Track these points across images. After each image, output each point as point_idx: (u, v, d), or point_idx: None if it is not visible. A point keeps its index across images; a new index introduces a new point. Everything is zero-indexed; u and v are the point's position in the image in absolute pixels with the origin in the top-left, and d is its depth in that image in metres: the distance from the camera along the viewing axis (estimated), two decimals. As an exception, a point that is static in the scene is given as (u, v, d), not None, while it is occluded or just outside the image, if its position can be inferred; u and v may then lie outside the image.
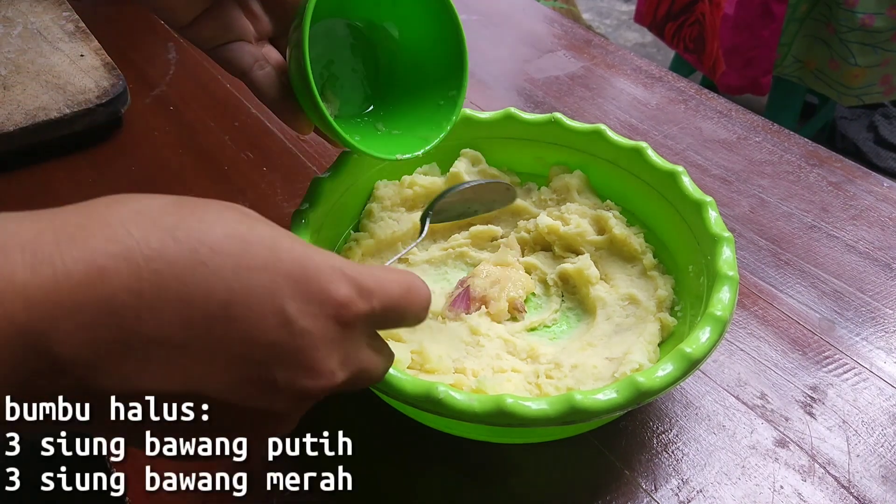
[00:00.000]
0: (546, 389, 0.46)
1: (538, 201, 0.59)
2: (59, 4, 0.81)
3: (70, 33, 0.76)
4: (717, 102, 0.78)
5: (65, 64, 0.72)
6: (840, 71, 1.53)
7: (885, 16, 1.44)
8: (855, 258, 0.60)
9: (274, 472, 0.45)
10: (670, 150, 0.71)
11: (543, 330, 0.53)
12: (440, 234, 0.58)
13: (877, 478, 0.45)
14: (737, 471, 0.46)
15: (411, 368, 0.46)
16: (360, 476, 0.45)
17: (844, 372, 0.52)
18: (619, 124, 0.75)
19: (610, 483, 0.45)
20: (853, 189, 0.67)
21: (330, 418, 0.48)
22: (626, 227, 0.55)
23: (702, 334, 0.41)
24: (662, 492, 0.44)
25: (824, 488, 0.45)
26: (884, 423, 0.48)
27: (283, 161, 0.69)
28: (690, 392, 0.50)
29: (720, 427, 0.48)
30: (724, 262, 0.46)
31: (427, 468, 0.45)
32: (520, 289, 0.54)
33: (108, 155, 0.69)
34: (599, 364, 0.47)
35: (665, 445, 0.47)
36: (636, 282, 0.53)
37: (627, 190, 0.56)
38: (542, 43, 0.89)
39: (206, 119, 0.74)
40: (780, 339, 0.54)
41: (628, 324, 0.50)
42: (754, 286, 0.58)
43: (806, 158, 0.71)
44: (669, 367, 0.40)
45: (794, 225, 0.63)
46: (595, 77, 0.83)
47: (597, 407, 0.38)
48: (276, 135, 0.72)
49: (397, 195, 0.57)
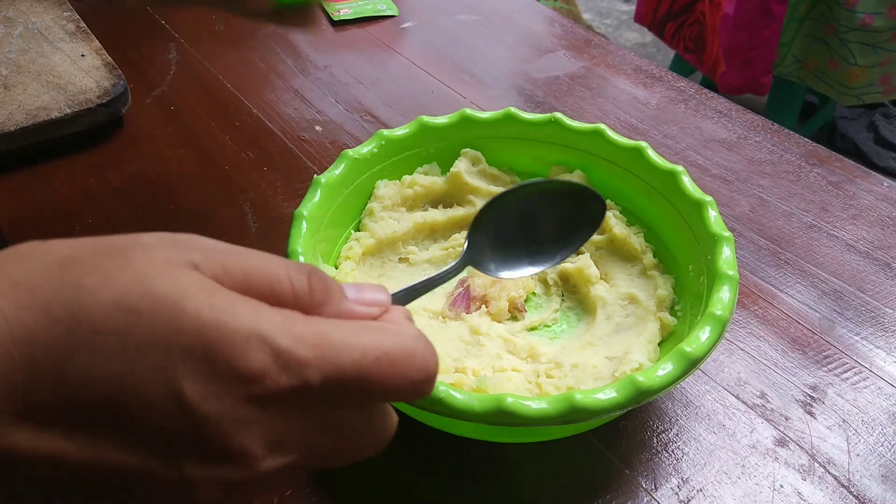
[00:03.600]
0: (546, 389, 0.46)
1: (538, 201, 0.59)
2: (60, 4, 0.81)
3: (71, 33, 0.76)
4: (717, 102, 0.78)
5: (66, 64, 0.72)
6: (840, 70, 1.53)
7: (885, 15, 1.44)
8: (855, 258, 0.60)
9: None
10: (670, 150, 0.72)
11: (543, 329, 0.53)
12: (440, 233, 0.58)
13: (877, 477, 0.45)
14: (737, 470, 0.46)
15: (412, 368, 0.46)
16: (359, 475, 0.45)
17: (844, 371, 0.52)
18: (619, 124, 0.75)
19: (610, 482, 0.45)
20: (853, 188, 0.67)
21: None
22: (626, 227, 0.55)
23: (702, 334, 0.41)
24: (662, 491, 0.44)
25: (824, 487, 0.45)
26: (884, 423, 0.48)
27: (283, 161, 0.69)
28: (690, 391, 0.50)
29: (720, 426, 0.48)
30: (724, 262, 0.46)
31: (427, 467, 0.45)
32: (520, 288, 0.54)
33: (109, 155, 0.69)
34: (599, 363, 0.47)
35: (665, 445, 0.47)
36: (636, 281, 0.53)
37: (627, 189, 0.56)
38: (542, 43, 0.89)
39: (206, 119, 0.74)
40: (780, 338, 0.54)
41: (628, 323, 0.50)
42: (754, 286, 0.58)
43: (806, 158, 0.71)
44: (669, 366, 0.40)
45: (794, 224, 0.64)
46: (595, 77, 0.83)
47: (597, 406, 0.38)
48: (276, 135, 0.72)
49: (398, 195, 0.57)
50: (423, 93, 0.79)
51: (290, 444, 0.24)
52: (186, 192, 0.65)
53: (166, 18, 0.90)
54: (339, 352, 0.24)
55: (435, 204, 0.59)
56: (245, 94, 0.78)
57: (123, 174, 0.67)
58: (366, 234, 0.55)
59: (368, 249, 0.55)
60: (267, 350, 0.23)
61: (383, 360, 0.25)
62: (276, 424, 0.23)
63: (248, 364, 0.22)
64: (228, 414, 0.22)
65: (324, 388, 0.24)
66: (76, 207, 0.63)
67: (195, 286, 0.23)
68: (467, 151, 0.59)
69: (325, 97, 0.78)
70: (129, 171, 0.67)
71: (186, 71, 0.81)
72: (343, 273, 0.52)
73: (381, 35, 0.89)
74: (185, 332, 0.22)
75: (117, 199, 0.64)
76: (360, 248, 0.54)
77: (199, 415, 0.22)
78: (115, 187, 0.65)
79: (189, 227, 0.62)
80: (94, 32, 0.77)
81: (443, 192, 0.59)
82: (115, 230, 0.38)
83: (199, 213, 0.63)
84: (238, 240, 0.61)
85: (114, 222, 0.62)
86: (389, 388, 0.25)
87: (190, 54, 0.84)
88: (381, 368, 0.25)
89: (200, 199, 0.65)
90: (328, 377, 0.24)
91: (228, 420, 0.22)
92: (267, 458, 0.23)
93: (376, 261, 0.56)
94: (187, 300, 0.22)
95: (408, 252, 0.56)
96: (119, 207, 0.63)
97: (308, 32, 0.90)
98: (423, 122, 0.57)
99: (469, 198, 0.59)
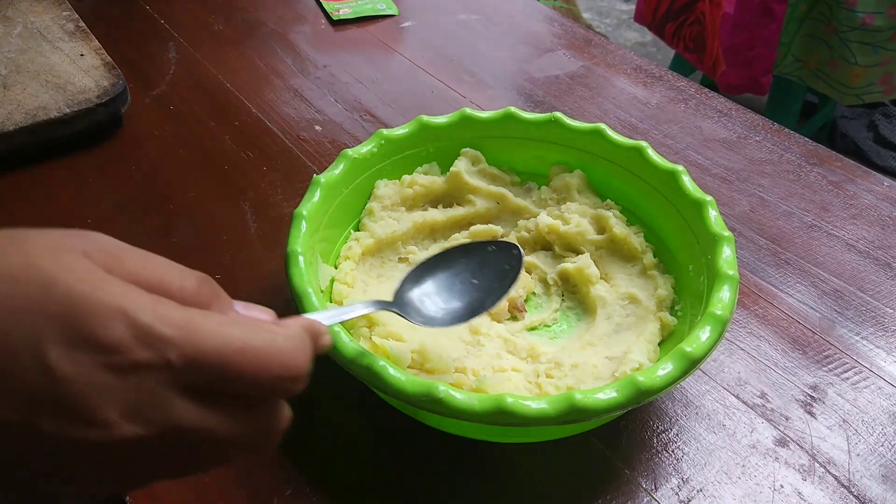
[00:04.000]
0: (546, 389, 0.46)
1: (538, 200, 0.59)
2: (59, 4, 0.81)
3: (70, 33, 0.76)
4: (717, 102, 0.78)
5: (65, 63, 0.72)
6: (840, 70, 1.53)
7: (885, 15, 1.44)
8: (855, 257, 0.60)
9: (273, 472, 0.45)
10: (670, 150, 0.71)
11: (543, 329, 0.53)
12: (440, 233, 0.58)
13: (877, 477, 0.45)
14: (737, 470, 0.46)
15: (411, 368, 0.46)
16: (359, 475, 0.45)
17: (844, 371, 0.52)
18: (619, 124, 0.75)
19: (610, 482, 0.45)
20: (853, 188, 0.67)
21: (330, 417, 0.48)
22: (626, 227, 0.55)
23: (702, 333, 0.41)
24: (662, 491, 0.44)
25: (824, 487, 0.45)
26: (884, 423, 0.48)
27: (283, 161, 0.69)
28: (690, 391, 0.50)
29: (720, 426, 0.48)
30: (725, 262, 0.46)
31: (427, 467, 0.45)
32: (520, 288, 0.54)
33: (109, 154, 0.69)
34: (599, 363, 0.47)
35: (665, 445, 0.47)
36: (636, 281, 0.53)
37: (627, 189, 0.56)
38: (542, 42, 0.89)
39: (206, 119, 0.74)
40: (781, 338, 0.54)
41: (628, 323, 0.50)
42: (754, 285, 0.58)
43: (806, 157, 0.71)
44: (669, 366, 0.40)
45: (795, 224, 0.63)
46: (595, 76, 0.83)
47: (597, 406, 0.38)
48: (276, 134, 0.72)
49: (397, 194, 0.57)
50: (423, 92, 0.79)
51: (149, 418, 0.25)
52: (186, 191, 0.65)
53: (166, 18, 0.90)
54: (201, 336, 0.26)
55: (435, 204, 0.59)
56: (245, 93, 0.78)
57: (123, 174, 0.67)
58: (365, 234, 0.55)
59: (368, 249, 0.55)
60: (127, 323, 0.25)
61: (246, 350, 0.26)
62: (134, 395, 0.25)
63: (106, 334, 0.24)
64: (86, 378, 0.24)
65: (185, 369, 0.25)
66: (76, 207, 0.63)
67: (79, 267, 0.25)
68: (467, 151, 0.59)
69: (324, 97, 0.78)
70: (129, 170, 0.67)
71: (186, 71, 0.81)
72: (343, 273, 0.52)
73: (380, 34, 0.89)
74: (56, 301, 0.24)
75: (117, 199, 0.64)
76: (359, 247, 0.54)
77: (59, 374, 0.24)
78: (115, 187, 0.65)
79: (189, 227, 0.62)
80: (93, 32, 0.77)
81: (442, 192, 0.59)
82: (114, 230, 0.38)
83: (199, 212, 0.63)
84: (238, 240, 0.61)
85: (113, 222, 0.62)
86: (250, 379, 0.26)
87: (189, 54, 0.84)
88: (244, 359, 0.26)
89: (200, 199, 0.64)
90: (189, 358, 0.25)
91: (85, 383, 0.24)
92: (123, 426, 0.25)
93: (376, 260, 0.56)
94: (65, 275, 0.25)
95: (407, 252, 0.56)
96: (118, 207, 0.63)
97: (308, 32, 0.89)
98: (423, 121, 0.57)
99: (469, 197, 0.59)
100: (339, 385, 0.49)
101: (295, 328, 0.29)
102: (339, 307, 0.37)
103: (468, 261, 0.47)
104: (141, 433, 0.25)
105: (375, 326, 0.48)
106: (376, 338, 0.47)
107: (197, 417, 0.26)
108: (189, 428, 0.26)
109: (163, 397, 0.25)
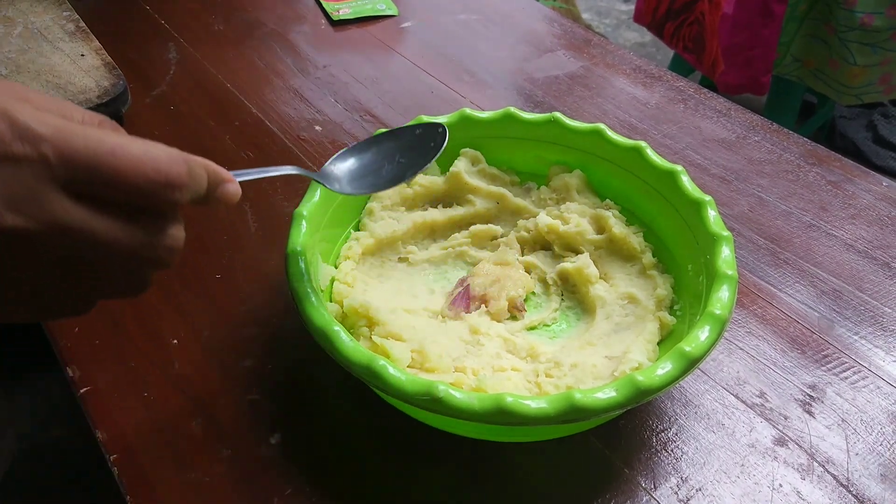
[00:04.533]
0: (546, 388, 0.46)
1: (538, 200, 0.59)
2: (60, 4, 0.81)
3: (70, 33, 0.76)
4: (716, 102, 0.78)
5: (65, 63, 0.72)
6: (839, 70, 1.53)
7: (885, 15, 1.44)
8: (854, 257, 0.60)
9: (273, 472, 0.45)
10: (669, 150, 0.72)
11: (543, 329, 0.53)
12: (440, 233, 0.58)
13: (875, 476, 0.45)
14: (736, 469, 0.46)
15: (411, 367, 0.46)
16: (360, 474, 0.45)
17: (843, 371, 0.52)
18: (618, 124, 0.75)
19: (609, 481, 0.45)
20: (852, 188, 0.67)
21: (330, 417, 0.48)
22: (625, 227, 0.55)
23: (701, 333, 0.41)
24: (662, 490, 0.44)
25: (823, 487, 0.45)
26: (882, 422, 0.48)
27: (283, 160, 0.69)
28: (690, 391, 0.50)
29: (719, 426, 0.48)
30: (724, 261, 0.46)
31: (427, 467, 0.46)
32: (519, 288, 0.54)
33: (109, 154, 0.69)
34: (599, 363, 0.47)
35: (664, 444, 0.47)
36: (635, 281, 0.53)
37: (627, 189, 0.56)
38: (542, 43, 0.89)
39: (206, 119, 0.74)
40: (780, 337, 0.54)
41: (628, 322, 0.50)
42: (753, 285, 0.58)
43: (805, 157, 0.71)
44: (669, 365, 0.40)
45: (793, 224, 0.64)
46: (594, 77, 0.83)
47: (596, 405, 0.38)
48: (276, 134, 0.72)
49: (397, 194, 0.58)
50: (423, 92, 0.79)
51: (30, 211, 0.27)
52: (186, 191, 0.65)
53: (166, 18, 0.90)
54: (77, 136, 0.28)
55: (434, 203, 0.59)
56: (244, 93, 0.78)
57: (123, 174, 0.67)
58: (365, 234, 0.55)
59: (368, 249, 0.55)
60: (7, 121, 0.27)
61: (118, 152, 0.28)
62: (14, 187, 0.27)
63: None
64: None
65: (60, 165, 0.28)
66: (76, 207, 0.63)
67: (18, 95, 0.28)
68: (467, 151, 0.59)
69: (324, 97, 0.78)
70: (129, 170, 0.67)
71: (186, 71, 0.81)
72: (343, 272, 0.52)
73: (380, 35, 0.90)
74: None
75: (117, 199, 0.64)
76: (359, 247, 0.54)
77: None
78: (115, 187, 0.65)
79: (188, 227, 0.62)
80: (93, 32, 0.77)
81: (442, 192, 0.59)
82: (114, 230, 0.38)
83: (199, 212, 0.63)
84: (238, 240, 0.61)
85: (113, 222, 0.62)
86: (123, 180, 0.29)
87: (189, 54, 0.84)
88: (115, 160, 0.28)
89: (200, 199, 0.64)
90: (63, 156, 0.28)
91: None
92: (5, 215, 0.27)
93: (376, 260, 0.56)
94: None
95: (407, 251, 0.56)
96: (119, 207, 0.63)
97: (307, 32, 0.90)
98: (423, 121, 0.57)
99: (469, 197, 0.59)
100: (339, 385, 0.49)
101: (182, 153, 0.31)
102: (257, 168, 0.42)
103: (396, 143, 0.50)
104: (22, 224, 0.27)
105: (375, 326, 0.48)
106: (376, 337, 0.47)
107: (79, 217, 0.28)
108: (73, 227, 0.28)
109: (41, 192, 0.28)
